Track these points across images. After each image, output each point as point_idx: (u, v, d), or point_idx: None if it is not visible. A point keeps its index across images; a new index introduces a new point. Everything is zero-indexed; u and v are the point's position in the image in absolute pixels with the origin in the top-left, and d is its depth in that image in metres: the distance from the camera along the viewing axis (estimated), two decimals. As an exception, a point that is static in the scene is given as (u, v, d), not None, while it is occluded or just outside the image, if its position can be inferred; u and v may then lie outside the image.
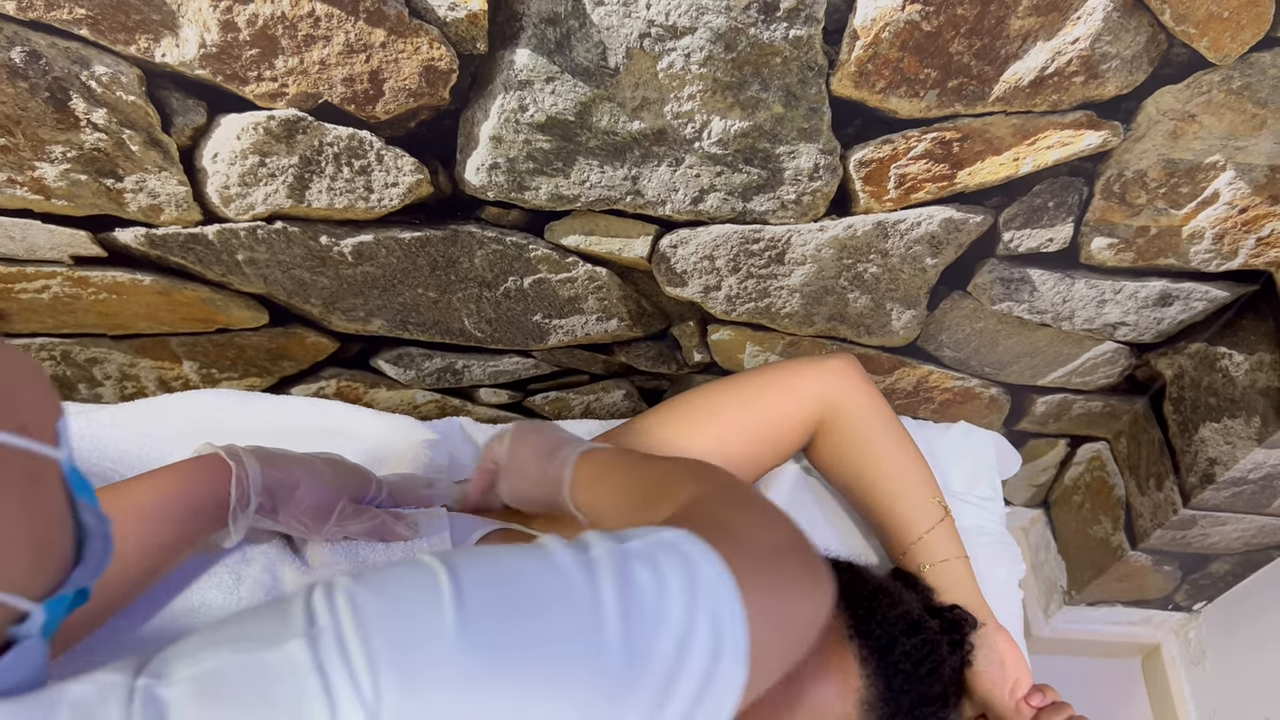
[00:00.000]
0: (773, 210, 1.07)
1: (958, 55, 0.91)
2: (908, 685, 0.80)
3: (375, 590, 0.44)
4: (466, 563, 0.47)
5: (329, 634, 0.41)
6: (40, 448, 0.39)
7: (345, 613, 0.43)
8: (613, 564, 0.47)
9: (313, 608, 0.43)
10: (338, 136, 0.97)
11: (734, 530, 0.55)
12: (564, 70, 0.90)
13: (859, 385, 0.96)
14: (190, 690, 0.40)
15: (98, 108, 0.93)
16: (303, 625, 0.42)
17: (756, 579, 0.51)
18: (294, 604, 0.44)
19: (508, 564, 0.47)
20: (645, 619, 0.46)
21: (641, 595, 0.47)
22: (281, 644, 0.41)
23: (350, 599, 0.43)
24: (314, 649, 0.41)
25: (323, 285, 1.17)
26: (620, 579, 0.47)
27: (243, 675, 0.40)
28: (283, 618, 0.43)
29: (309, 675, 0.40)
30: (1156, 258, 1.18)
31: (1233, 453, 1.29)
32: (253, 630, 0.43)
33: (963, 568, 0.92)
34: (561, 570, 0.47)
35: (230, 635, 0.42)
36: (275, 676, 0.40)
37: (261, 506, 0.74)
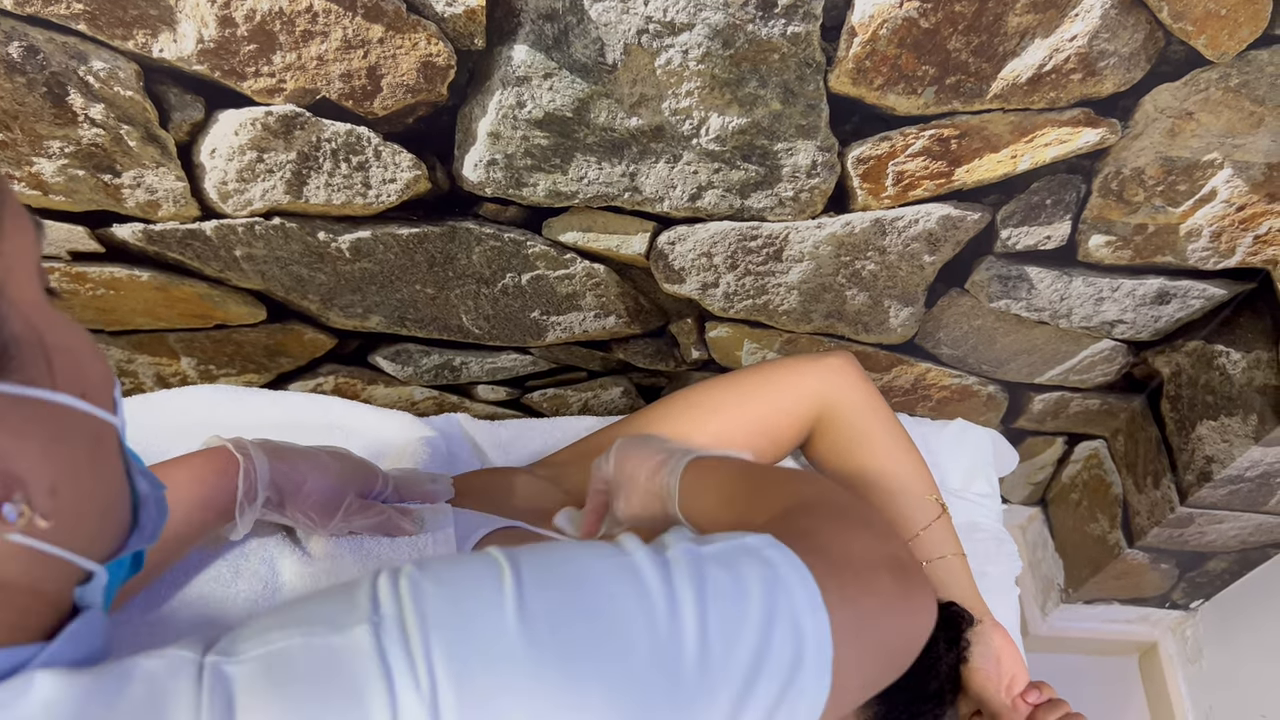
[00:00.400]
0: (770, 207, 1.07)
1: (955, 52, 0.91)
2: (903, 682, 0.80)
3: (438, 581, 0.44)
4: (533, 560, 0.46)
5: (391, 621, 0.42)
6: (102, 413, 0.40)
7: (407, 601, 0.43)
8: (689, 565, 0.46)
9: (378, 593, 0.44)
10: (335, 132, 0.97)
11: (823, 539, 0.52)
12: (562, 66, 0.90)
13: (856, 383, 0.96)
14: (257, 669, 0.40)
15: (95, 103, 0.93)
16: (368, 610, 0.43)
17: (843, 591, 0.49)
18: (360, 589, 0.45)
19: (577, 564, 0.46)
20: (722, 624, 0.44)
21: (719, 598, 0.45)
22: (347, 629, 0.42)
23: (414, 587, 0.44)
24: (376, 635, 0.41)
25: (320, 281, 1.17)
26: (697, 581, 0.45)
27: (308, 657, 0.41)
28: (349, 602, 0.44)
29: (371, 661, 0.40)
30: (1154, 255, 1.18)
31: (1230, 451, 1.29)
32: (321, 613, 0.43)
33: (959, 564, 0.92)
34: (634, 570, 0.46)
35: (298, 617, 0.43)
36: (339, 660, 0.41)
37: (269, 500, 0.74)
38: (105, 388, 0.42)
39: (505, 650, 0.41)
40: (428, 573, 0.45)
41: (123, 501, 0.43)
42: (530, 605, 0.43)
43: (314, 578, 0.77)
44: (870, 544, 0.55)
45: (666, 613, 0.44)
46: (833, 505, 0.59)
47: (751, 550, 0.48)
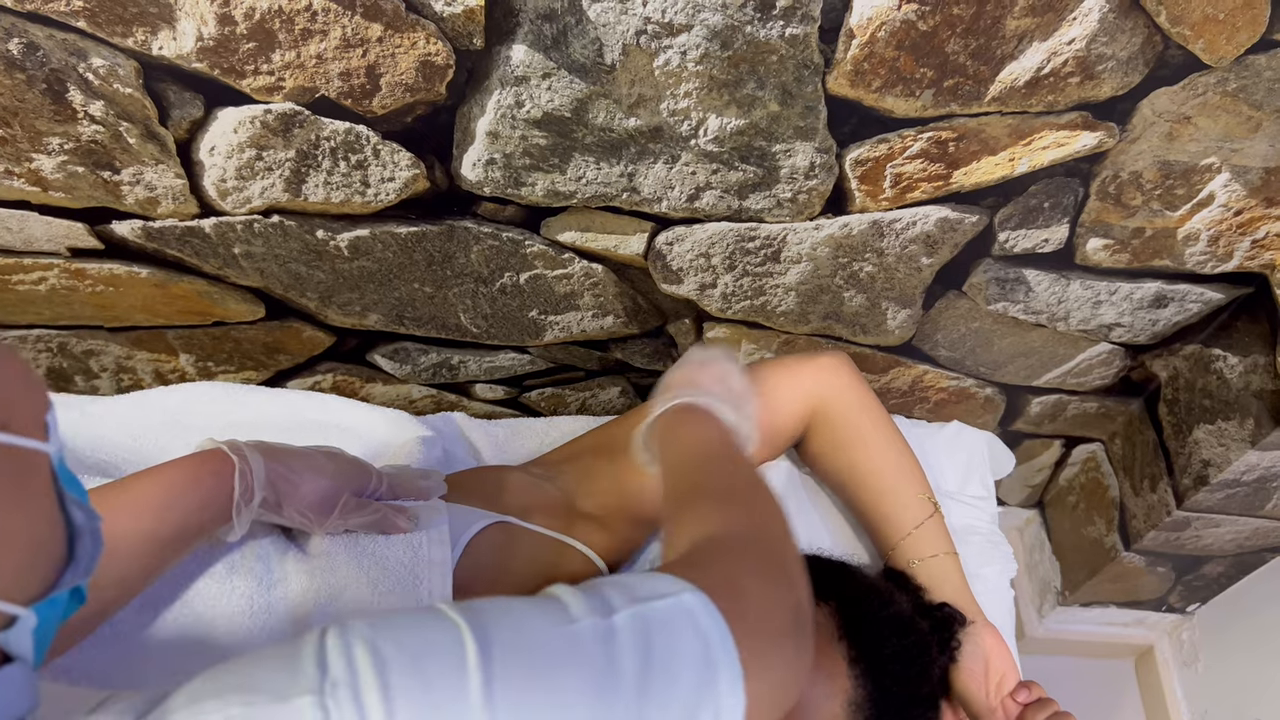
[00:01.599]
0: (769, 208, 1.08)
1: (954, 55, 0.91)
2: (896, 686, 0.80)
3: (398, 645, 0.43)
4: (492, 625, 0.45)
5: (344, 689, 0.40)
6: (28, 443, 0.38)
7: (365, 666, 0.41)
8: (634, 634, 0.47)
9: (326, 657, 0.42)
10: (334, 131, 0.97)
11: (750, 604, 0.54)
12: (560, 66, 0.90)
13: (850, 383, 0.96)
14: None
15: (95, 100, 0.93)
16: (314, 679, 0.41)
17: (757, 664, 0.50)
18: (305, 649, 0.43)
19: (531, 631, 0.46)
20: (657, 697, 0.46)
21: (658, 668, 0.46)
22: (288, 699, 0.40)
23: (372, 650, 0.42)
24: (323, 707, 0.39)
25: (319, 279, 1.17)
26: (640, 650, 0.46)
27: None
28: (292, 667, 0.42)
29: None
30: (1152, 259, 1.19)
31: (1226, 455, 1.30)
32: (260, 680, 0.41)
33: (951, 563, 0.93)
34: (582, 639, 0.46)
35: (236, 684, 0.41)
36: None
37: (265, 500, 0.74)
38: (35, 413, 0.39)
39: None
40: (383, 635, 0.43)
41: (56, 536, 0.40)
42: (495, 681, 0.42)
43: (311, 575, 0.77)
44: (785, 602, 0.57)
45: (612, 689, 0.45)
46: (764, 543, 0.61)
47: (688, 615, 0.49)
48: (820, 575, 0.87)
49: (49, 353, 1.33)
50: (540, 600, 0.50)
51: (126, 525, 0.67)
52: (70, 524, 0.41)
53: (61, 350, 1.32)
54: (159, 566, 0.71)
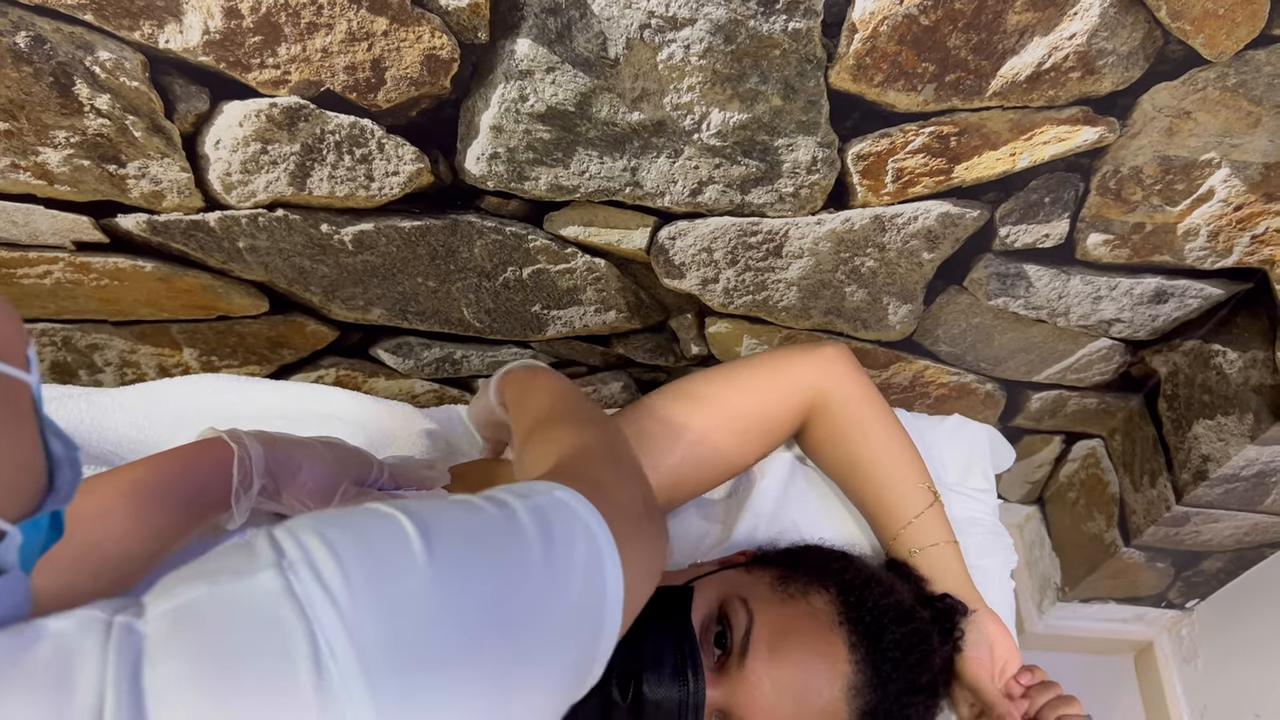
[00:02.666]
0: (771, 203, 1.08)
1: (955, 49, 0.91)
2: (896, 673, 0.81)
3: (343, 527, 0.46)
4: (421, 510, 0.49)
5: (301, 563, 0.43)
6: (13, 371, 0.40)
7: (315, 543, 0.44)
8: (535, 520, 0.52)
9: (279, 543, 0.45)
10: (339, 124, 0.98)
11: (608, 490, 0.61)
12: (564, 60, 0.91)
13: (850, 373, 0.97)
14: (167, 624, 0.40)
15: (101, 93, 0.93)
16: (271, 557, 0.43)
17: (625, 536, 0.57)
18: (258, 541, 0.45)
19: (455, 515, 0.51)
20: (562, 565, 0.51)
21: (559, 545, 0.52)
22: (253, 574, 0.42)
23: (319, 534, 0.45)
24: (285, 577, 0.42)
25: (323, 273, 1.18)
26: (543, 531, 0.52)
27: (216, 605, 0.41)
28: (250, 553, 0.44)
29: (283, 600, 0.41)
30: (1152, 254, 1.19)
31: (1226, 450, 1.30)
32: (223, 564, 0.44)
33: (952, 552, 0.93)
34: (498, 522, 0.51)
35: (201, 571, 0.43)
36: (249, 604, 0.41)
37: (264, 488, 0.74)
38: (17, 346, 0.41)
39: (418, 576, 0.44)
40: (325, 521, 0.47)
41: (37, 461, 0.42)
42: (435, 547, 0.46)
43: None
44: (636, 490, 0.66)
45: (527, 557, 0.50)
46: (611, 451, 0.70)
47: (564, 504, 0.55)
48: (821, 563, 0.87)
49: (53, 347, 1.33)
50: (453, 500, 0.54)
51: (121, 508, 0.68)
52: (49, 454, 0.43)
53: (66, 344, 1.33)
54: (159, 552, 0.71)
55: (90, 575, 0.67)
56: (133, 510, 0.69)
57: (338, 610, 0.41)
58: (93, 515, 0.68)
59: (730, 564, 0.91)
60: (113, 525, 0.68)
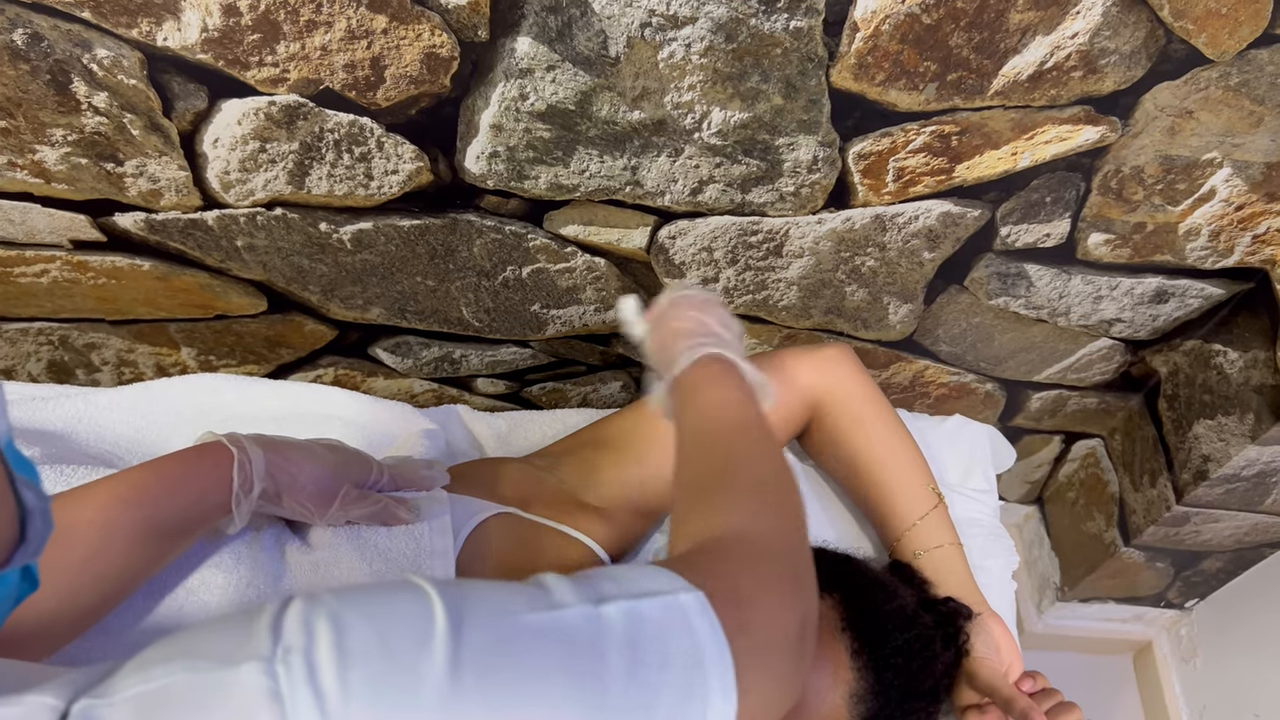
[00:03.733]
0: (771, 202, 1.08)
1: (957, 48, 0.91)
2: (898, 680, 0.80)
3: (362, 614, 0.41)
4: (467, 600, 0.44)
5: (297, 654, 0.39)
6: None
7: (324, 634, 0.40)
8: (625, 627, 0.45)
9: (283, 624, 0.41)
10: (338, 123, 0.97)
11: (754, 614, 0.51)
12: (565, 59, 0.91)
13: (853, 374, 0.96)
14: (131, 710, 0.37)
15: (99, 91, 0.93)
16: (266, 646, 0.39)
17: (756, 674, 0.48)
18: (261, 619, 0.41)
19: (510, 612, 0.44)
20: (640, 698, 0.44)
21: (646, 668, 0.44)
22: (237, 665, 0.39)
23: (332, 618, 0.41)
24: (272, 674, 0.38)
25: (321, 272, 1.17)
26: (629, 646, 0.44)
27: (189, 699, 0.38)
28: (244, 634, 0.41)
29: (263, 705, 0.37)
30: (1153, 254, 1.19)
31: (1226, 450, 1.30)
32: (209, 646, 0.40)
33: (956, 554, 0.93)
34: (567, 626, 0.44)
35: (185, 649, 0.40)
36: (224, 701, 0.37)
37: (265, 492, 0.74)
38: None
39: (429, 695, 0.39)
40: (349, 603, 0.42)
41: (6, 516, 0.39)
42: (463, 652, 0.41)
43: (315, 567, 0.77)
44: (791, 613, 0.53)
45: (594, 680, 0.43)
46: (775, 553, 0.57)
47: (682, 613, 0.47)
48: (825, 567, 0.87)
49: (50, 346, 1.33)
50: (525, 585, 0.48)
51: (123, 515, 0.68)
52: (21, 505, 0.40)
53: (63, 343, 1.32)
54: (159, 557, 0.71)
55: (93, 581, 0.67)
56: (136, 517, 0.68)
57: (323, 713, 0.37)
58: (96, 523, 0.67)
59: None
60: (115, 532, 0.67)
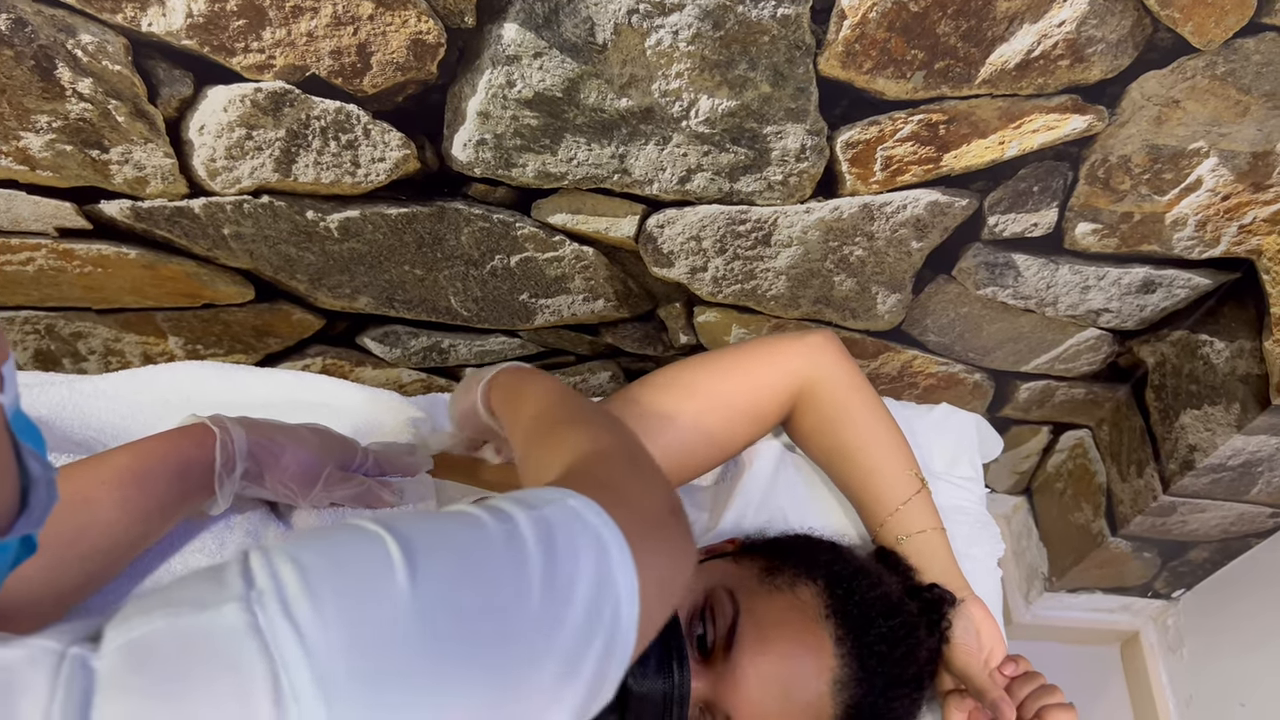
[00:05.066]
0: (760, 191, 1.08)
1: (945, 36, 0.91)
2: (882, 667, 0.81)
3: (320, 553, 0.43)
4: (410, 528, 0.47)
5: (270, 595, 0.40)
6: None
7: (288, 572, 0.41)
8: (535, 533, 0.49)
9: (250, 570, 0.42)
10: (325, 110, 0.97)
11: (627, 495, 0.57)
12: (552, 46, 0.90)
13: (838, 360, 0.96)
14: (120, 660, 0.38)
15: (84, 77, 0.92)
16: (239, 589, 0.41)
17: (644, 545, 0.53)
18: (229, 568, 0.43)
19: (449, 532, 0.48)
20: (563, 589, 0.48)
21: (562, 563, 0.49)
22: (216, 607, 0.40)
23: (294, 561, 0.42)
24: (250, 611, 0.39)
25: (309, 261, 1.17)
26: (544, 546, 0.49)
27: (174, 642, 0.38)
28: (217, 581, 0.42)
29: (246, 637, 0.38)
30: (1140, 244, 1.19)
31: (1213, 439, 1.30)
32: (187, 594, 0.41)
33: (939, 539, 0.93)
34: (495, 540, 0.48)
35: (164, 600, 0.41)
36: (209, 640, 0.38)
37: (248, 472, 0.74)
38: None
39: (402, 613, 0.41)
40: (306, 546, 0.44)
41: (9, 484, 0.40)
42: (420, 572, 0.43)
43: None
44: (658, 494, 0.61)
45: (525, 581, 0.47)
46: (625, 452, 0.65)
47: (575, 513, 0.52)
48: (809, 554, 0.87)
49: (36, 334, 1.32)
50: (449, 511, 0.52)
51: (106, 494, 0.68)
52: (25, 473, 0.41)
53: (49, 332, 1.32)
54: (143, 536, 0.71)
55: (78, 561, 0.67)
56: (119, 496, 0.68)
57: (304, 647, 0.38)
58: (79, 502, 0.67)
59: (717, 553, 0.90)
60: (99, 512, 0.67)
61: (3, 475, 0.40)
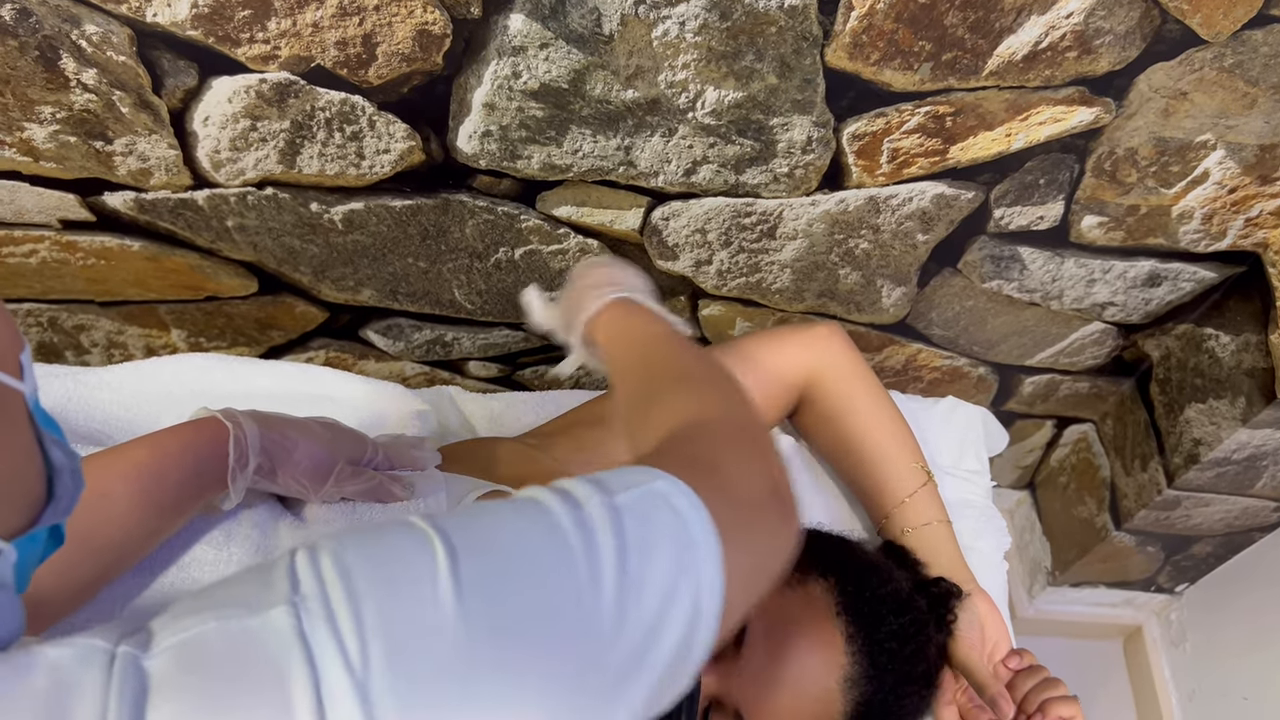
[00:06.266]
0: (765, 183, 1.07)
1: (952, 28, 0.91)
2: (892, 664, 0.80)
3: (365, 556, 0.43)
4: (461, 528, 0.45)
5: (315, 600, 0.40)
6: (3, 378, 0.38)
7: (331, 578, 0.41)
8: (609, 521, 0.47)
9: (296, 572, 0.42)
10: (330, 101, 0.96)
11: (726, 476, 0.54)
12: (558, 36, 0.90)
13: (844, 352, 0.96)
14: (172, 661, 0.38)
15: (88, 68, 0.92)
16: (286, 591, 0.41)
17: (738, 535, 0.51)
18: (277, 568, 0.43)
19: (504, 528, 0.46)
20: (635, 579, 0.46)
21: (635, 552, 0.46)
22: (264, 610, 0.40)
23: (337, 563, 0.42)
24: (297, 616, 0.39)
25: (312, 253, 1.17)
26: (617, 535, 0.46)
27: (224, 644, 0.39)
28: (265, 583, 0.42)
29: (292, 643, 0.38)
30: (1146, 237, 1.19)
31: (1217, 433, 1.30)
32: (236, 596, 0.41)
33: (944, 531, 0.93)
34: (559, 533, 0.46)
35: (214, 601, 0.41)
36: (257, 645, 0.39)
37: (260, 467, 0.73)
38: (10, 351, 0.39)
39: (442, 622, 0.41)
40: (351, 547, 0.43)
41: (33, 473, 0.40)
42: (464, 579, 0.42)
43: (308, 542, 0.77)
44: (760, 474, 0.58)
45: (590, 577, 0.45)
46: (731, 420, 0.61)
47: (661, 499, 0.49)
48: (820, 550, 0.87)
49: (39, 327, 1.32)
50: (513, 500, 0.50)
51: (122, 489, 0.67)
52: (49, 463, 0.41)
53: (52, 325, 1.32)
54: (156, 532, 0.70)
55: (92, 555, 0.67)
56: (135, 490, 0.68)
57: (345, 657, 0.38)
58: (97, 496, 0.67)
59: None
60: (115, 506, 0.67)
61: (28, 465, 0.40)
